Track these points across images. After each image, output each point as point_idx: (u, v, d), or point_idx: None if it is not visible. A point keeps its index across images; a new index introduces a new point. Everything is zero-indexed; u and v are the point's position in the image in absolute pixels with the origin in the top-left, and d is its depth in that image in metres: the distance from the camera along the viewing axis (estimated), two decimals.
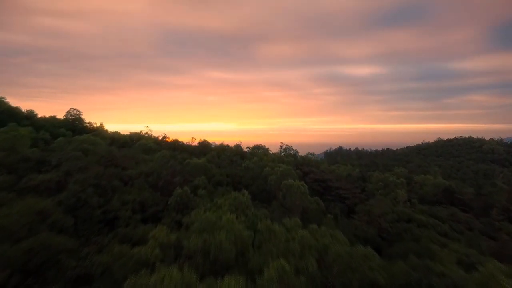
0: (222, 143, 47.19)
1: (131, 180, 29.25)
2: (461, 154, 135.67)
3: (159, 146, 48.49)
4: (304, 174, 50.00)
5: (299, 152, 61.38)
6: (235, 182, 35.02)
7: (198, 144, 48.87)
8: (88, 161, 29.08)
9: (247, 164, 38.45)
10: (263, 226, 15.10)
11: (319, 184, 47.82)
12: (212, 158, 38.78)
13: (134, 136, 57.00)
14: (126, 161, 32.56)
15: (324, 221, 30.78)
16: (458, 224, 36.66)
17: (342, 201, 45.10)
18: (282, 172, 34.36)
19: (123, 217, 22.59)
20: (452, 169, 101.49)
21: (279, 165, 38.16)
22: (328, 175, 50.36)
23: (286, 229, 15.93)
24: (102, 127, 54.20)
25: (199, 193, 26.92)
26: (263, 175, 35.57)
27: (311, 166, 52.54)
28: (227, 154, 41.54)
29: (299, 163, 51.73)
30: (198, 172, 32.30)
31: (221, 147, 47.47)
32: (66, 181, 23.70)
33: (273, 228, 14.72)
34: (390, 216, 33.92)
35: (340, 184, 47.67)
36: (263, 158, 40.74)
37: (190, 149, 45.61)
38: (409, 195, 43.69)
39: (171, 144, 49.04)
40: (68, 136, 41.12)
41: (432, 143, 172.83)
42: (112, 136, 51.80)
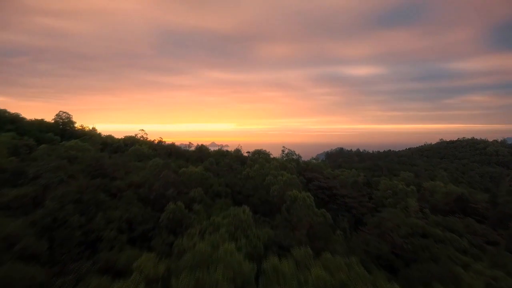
0: (220, 148, 44.31)
1: (119, 192, 26.51)
2: (465, 156, 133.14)
3: (154, 151, 45.74)
4: (307, 180, 47.34)
5: (302, 157, 58.72)
6: (235, 192, 32.31)
7: (195, 148, 46.10)
8: (72, 171, 26.32)
9: (247, 172, 35.74)
10: (269, 265, 12.39)
11: (323, 192, 45.16)
12: (210, 165, 36.08)
13: (129, 140, 54.23)
14: (116, 170, 29.80)
15: (333, 238, 28.17)
16: (475, 237, 34.05)
17: (348, 211, 42.43)
18: (285, 181, 31.65)
19: (107, 238, 19.83)
20: (457, 172, 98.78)
21: (282, 173, 35.46)
22: (333, 181, 47.69)
23: (296, 263, 13.28)
24: (95, 130, 51.42)
25: (195, 208, 24.19)
26: (265, 184, 32.87)
27: (315, 172, 49.88)
28: (226, 161, 38.82)
29: (302, 169, 49.04)
30: (194, 183, 29.56)
31: (220, 153, 44.75)
32: (44, 197, 20.95)
33: (281, 268, 12.01)
34: (404, 229, 31.29)
35: (346, 191, 45.00)
36: (264, 165, 38.01)
37: (187, 154, 42.85)
38: (419, 203, 41.06)
39: (167, 148, 46.30)
40: (56, 141, 38.37)
41: (434, 145, 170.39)
42: (105, 141, 49.05)
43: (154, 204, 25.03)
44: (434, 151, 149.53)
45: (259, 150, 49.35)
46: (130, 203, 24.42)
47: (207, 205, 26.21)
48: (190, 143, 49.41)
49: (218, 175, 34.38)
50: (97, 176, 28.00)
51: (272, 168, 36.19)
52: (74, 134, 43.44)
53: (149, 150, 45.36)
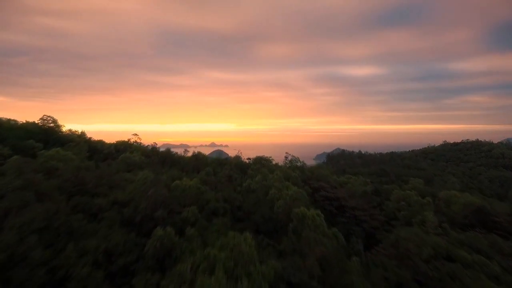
0: (219, 157, 40.65)
1: (101, 212, 22.90)
2: (471, 159, 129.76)
3: (147, 159, 42.11)
4: (313, 190, 43.78)
5: (305, 163, 55.17)
6: (234, 208, 28.70)
7: (192, 155, 42.46)
8: (46, 189, 22.69)
9: (248, 184, 32.15)
10: None
11: (331, 204, 41.60)
12: (206, 177, 32.52)
13: (121, 145, 50.59)
14: (99, 184, 26.18)
15: (348, 266, 24.64)
16: (503, 257, 30.59)
17: (359, 224, 38.84)
18: (291, 196, 28.06)
19: (78, 277, 16.22)
20: (465, 176, 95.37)
21: (287, 184, 31.89)
22: (341, 191, 44.14)
23: None
24: (84, 135, 47.72)
25: (187, 233, 20.57)
26: (269, 199, 29.26)
27: (321, 181, 46.29)
28: (225, 171, 35.21)
29: (307, 177, 45.46)
30: (189, 199, 25.96)
31: (218, 161, 41.09)
32: (2, 225, 17.32)
33: None
34: (425, 251, 27.83)
35: (355, 203, 41.47)
36: (267, 176, 34.41)
37: (183, 162, 39.23)
38: (437, 217, 37.58)
39: (161, 155, 42.69)
40: (37, 149, 34.71)
41: (438, 147, 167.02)
42: (95, 146, 45.41)
43: (140, 227, 21.41)
44: (439, 154, 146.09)
45: (260, 157, 45.76)
46: (112, 226, 20.79)
47: (202, 227, 22.59)
48: (186, 150, 45.77)
49: (215, 188, 30.76)
50: (76, 193, 24.41)
51: (275, 179, 32.60)
52: (59, 141, 39.76)
53: (141, 157, 41.73)
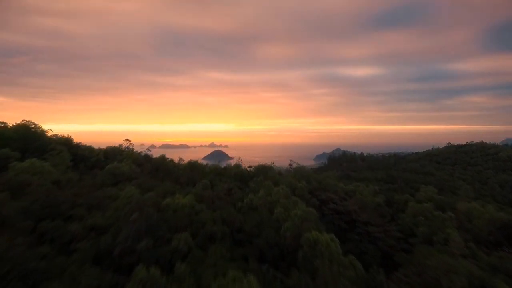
0: (217, 163, 36.78)
1: (74, 241, 19.04)
2: (478, 162, 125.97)
3: (138, 168, 38.23)
4: (321, 202, 39.97)
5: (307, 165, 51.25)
6: (234, 230, 24.82)
7: (187, 164, 38.55)
8: (7, 214, 18.82)
9: (250, 200, 28.29)
10: None
11: (341, 218, 37.81)
12: (203, 191, 28.66)
13: (111, 152, 46.68)
14: (76, 204, 22.32)
15: None
16: None
17: (372, 242, 35.03)
18: (300, 217, 24.22)
19: None
20: (474, 181, 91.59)
21: (294, 200, 28.07)
22: (351, 203, 40.34)
23: None
24: (70, 141, 43.77)
25: (177, 271, 16.71)
26: (274, 219, 25.41)
27: (328, 191, 42.48)
28: (223, 185, 31.27)
29: (313, 188, 41.60)
30: (181, 222, 22.10)
31: (216, 170, 37.15)
32: None
33: None
34: (457, 280, 24.06)
35: (368, 217, 37.70)
36: (271, 189, 30.57)
37: (177, 173, 35.33)
38: (459, 233, 33.82)
39: (155, 164, 38.81)
40: (12, 160, 30.81)
41: (442, 149, 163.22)
42: (81, 154, 41.49)
43: (120, 262, 17.55)
44: (444, 157, 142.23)
45: (263, 166, 41.86)
46: (84, 262, 16.93)
47: (196, 260, 18.71)
48: (180, 159, 41.98)
49: (212, 204, 26.88)
50: (47, 217, 20.52)
51: (281, 195, 28.73)
52: (40, 148, 35.87)
53: (132, 165, 37.84)
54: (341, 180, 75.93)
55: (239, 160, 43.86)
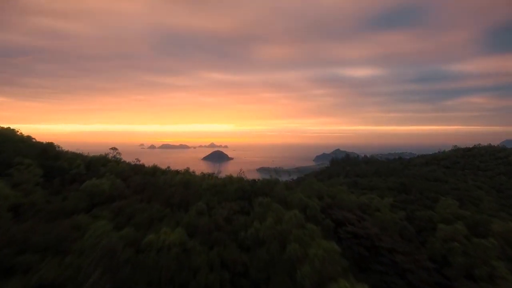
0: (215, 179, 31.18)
1: None
2: (489, 167, 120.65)
3: (122, 184, 32.70)
4: (336, 223, 34.53)
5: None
6: (236, 274, 19.38)
7: (181, 180, 32.96)
8: None
9: (256, 230, 22.86)
10: None
11: (360, 243, 32.40)
12: (198, 218, 23.20)
13: (97, 162, 41.10)
14: (24, 249, 16.81)
15: None
16: None
17: (400, 274, 29.61)
18: (321, 258, 18.74)
19: None
20: (491, 189, 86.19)
21: (312, 230, 22.66)
22: (370, 224, 34.90)
23: None
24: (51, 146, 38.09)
25: None
26: (287, 258, 19.96)
27: (343, 209, 37.01)
28: (223, 211, 25.60)
29: (326, 204, 36.11)
30: (166, 270, 16.64)
31: (215, 188, 31.50)
32: None
33: None
34: None
35: (393, 242, 32.32)
36: (281, 214, 25.12)
37: (169, 191, 29.67)
38: (504, 264, 28.52)
39: (142, 181, 33.23)
40: None
41: (449, 152, 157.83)
42: (60, 166, 35.94)
43: None
44: (452, 160, 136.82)
45: (268, 180, 36.41)
46: None
47: None
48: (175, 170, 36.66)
49: (208, 238, 21.40)
50: None
51: (293, 223, 23.29)
52: (4, 162, 30.27)
53: (116, 180, 32.36)
54: (350, 187, 70.57)
55: (240, 173, 38.39)
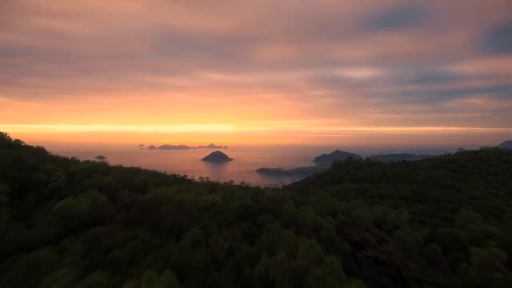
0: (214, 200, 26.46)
1: None
2: (499, 171, 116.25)
3: (106, 201, 28.07)
4: (354, 246, 30.01)
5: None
6: None
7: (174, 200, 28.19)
8: None
9: (264, 267, 18.39)
10: None
11: (383, 271, 27.91)
12: (192, 250, 18.71)
13: (80, 172, 36.54)
14: None
15: None
16: None
17: None
18: None
19: None
20: (501, 193, 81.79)
21: (331, 267, 18.21)
22: (392, 246, 30.39)
23: None
24: (20, 159, 33.47)
25: None
26: None
27: (360, 228, 32.47)
28: (224, 244, 20.93)
29: (341, 223, 31.59)
30: None
31: (213, 208, 26.75)
32: None
33: None
34: None
35: (421, 270, 27.82)
36: (293, 241, 20.65)
37: (158, 214, 24.97)
38: None
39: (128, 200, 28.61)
40: None
41: (455, 155, 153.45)
42: (36, 179, 31.36)
43: None
44: (459, 164, 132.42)
45: (274, 195, 31.72)
46: None
47: None
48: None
49: (204, 284, 16.90)
50: None
51: (310, 258, 18.80)
52: None
53: (100, 196, 27.77)
54: (358, 196, 66.10)
55: (243, 184, 33.85)
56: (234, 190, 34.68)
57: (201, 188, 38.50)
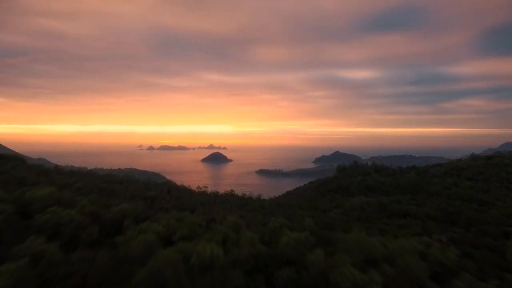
0: (211, 248, 18.61)
1: None
2: None
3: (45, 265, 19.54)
4: None
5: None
6: None
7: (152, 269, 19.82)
8: None
9: None
10: None
11: None
12: None
13: (32, 203, 28.13)
14: None
15: None
16: None
17: None
18: None
19: None
20: None
21: None
22: None
23: None
24: None
25: None
26: None
27: (412, 283, 24.35)
28: None
29: (389, 278, 23.32)
30: None
31: (209, 271, 18.41)
32: None
33: None
34: None
35: None
36: None
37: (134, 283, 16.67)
38: None
39: (89, 253, 20.22)
40: None
41: (469, 161, 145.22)
42: None
43: None
44: (474, 171, 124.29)
45: (296, 240, 23.57)
46: None
47: None
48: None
49: None
50: None
51: None
52: None
53: (47, 250, 19.32)
54: (378, 214, 57.99)
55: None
56: (239, 224, 26.28)
57: (197, 218, 30.02)
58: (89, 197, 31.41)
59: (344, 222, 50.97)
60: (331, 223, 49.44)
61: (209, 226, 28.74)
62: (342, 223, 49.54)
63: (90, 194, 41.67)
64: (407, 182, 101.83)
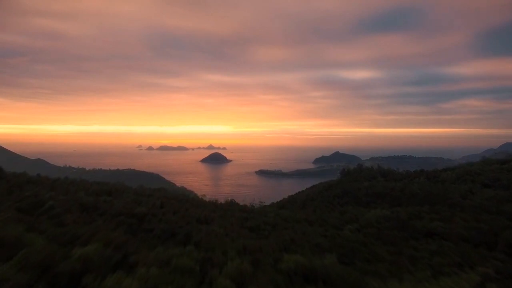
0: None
1: None
2: None
3: None
4: None
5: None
6: None
7: None
8: None
9: None
10: None
11: None
12: None
13: None
14: None
15: None
16: None
17: None
18: None
19: None
20: None
21: None
22: None
23: None
24: None
25: None
26: None
27: None
28: None
29: None
30: None
31: None
32: None
33: None
34: None
35: None
36: None
37: None
38: None
39: None
40: None
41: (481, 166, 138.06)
42: None
43: None
44: (489, 176, 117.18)
45: None
46: None
47: None
48: None
49: None
50: None
51: None
52: None
53: None
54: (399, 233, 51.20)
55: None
56: (243, 273, 18.94)
57: (188, 260, 22.47)
58: (48, 232, 24.46)
59: (363, 245, 43.91)
60: (351, 247, 42.00)
61: (205, 270, 21.33)
62: (361, 247, 42.46)
63: (62, 216, 34.51)
64: (420, 189, 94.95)
